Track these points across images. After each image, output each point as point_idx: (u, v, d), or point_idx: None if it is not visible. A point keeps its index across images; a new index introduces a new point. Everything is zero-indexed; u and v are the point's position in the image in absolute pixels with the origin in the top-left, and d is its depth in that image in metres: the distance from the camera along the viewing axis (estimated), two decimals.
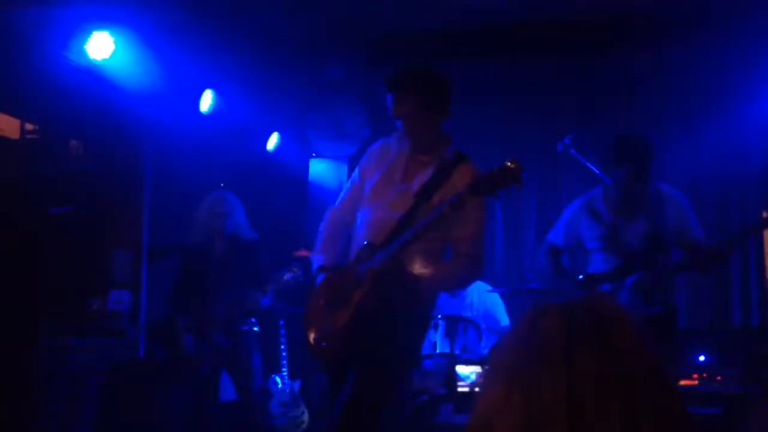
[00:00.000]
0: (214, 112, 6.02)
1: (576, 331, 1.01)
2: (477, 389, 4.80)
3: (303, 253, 6.48)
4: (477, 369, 4.92)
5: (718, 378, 4.76)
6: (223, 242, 5.22)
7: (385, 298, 3.02)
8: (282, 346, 5.90)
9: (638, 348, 1.02)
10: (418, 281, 3.04)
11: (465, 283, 3.28)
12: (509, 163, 2.80)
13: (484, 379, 1.09)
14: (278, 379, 5.89)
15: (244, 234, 5.30)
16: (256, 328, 5.28)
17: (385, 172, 3.21)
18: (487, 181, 2.82)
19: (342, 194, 3.41)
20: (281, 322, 5.92)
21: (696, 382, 4.77)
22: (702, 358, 4.99)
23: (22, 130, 5.61)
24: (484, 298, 5.82)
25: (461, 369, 4.92)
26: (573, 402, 0.96)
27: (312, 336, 3.18)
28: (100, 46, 4.91)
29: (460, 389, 4.84)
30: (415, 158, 3.19)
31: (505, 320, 5.78)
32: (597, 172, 4.77)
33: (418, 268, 3.03)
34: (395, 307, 3.04)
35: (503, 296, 5.87)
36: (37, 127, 5.65)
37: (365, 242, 3.11)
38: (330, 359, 3.15)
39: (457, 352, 5.16)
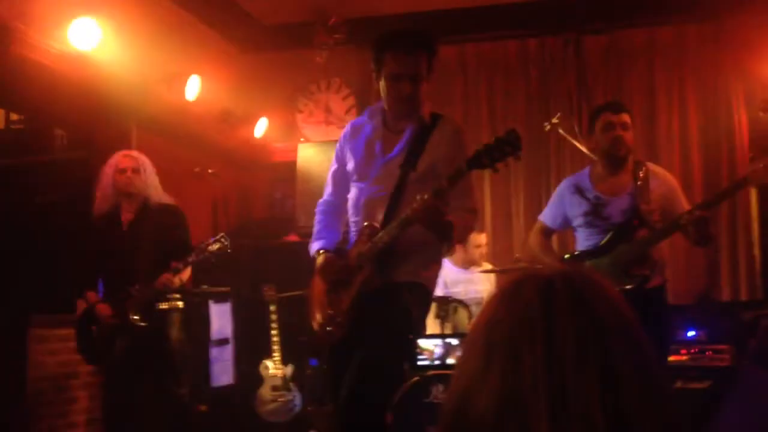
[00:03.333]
0: (201, 99, 6.00)
1: (554, 299, 1.01)
2: (437, 362, 4.83)
3: (293, 237, 6.49)
4: (438, 342, 4.92)
5: (708, 353, 4.79)
6: (131, 206, 4.53)
7: (387, 279, 3.03)
8: (273, 331, 5.91)
9: (616, 314, 1.02)
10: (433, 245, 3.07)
11: (466, 236, 3.29)
12: (507, 135, 2.78)
13: (461, 354, 1.08)
14: (270, 364, 5.90)
15: (156, 198, 4.56)
16: (180, 304, 4.53)
17: (365, 149, 3.20)
18: (486, 154, 2.79)
19: (327, 184, 3.41)
20: (272, 308, 5.92)
21: (686, 358, 4.80)
22: (691, 333, 5.02)
23: (7, 120, 5.58)
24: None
25: (423, 343, 4.92)
26: (552, 372, 0.96)
27: (317, 321, 3.18)
28: (84, 34, 4.87)
29: (419, 362, 4.84)
30: (391, 128, 3.19)
31: None
32: (584, 150, 4.80)
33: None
34: (399, 286, 3.04)
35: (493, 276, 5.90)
36: (21, 117, 5.61)
37: (365, 223, 3.11)
38: (336, 343, 3.14)
39: (447, 333, 5.18)
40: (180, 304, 4.53)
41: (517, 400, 0.96)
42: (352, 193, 3.24)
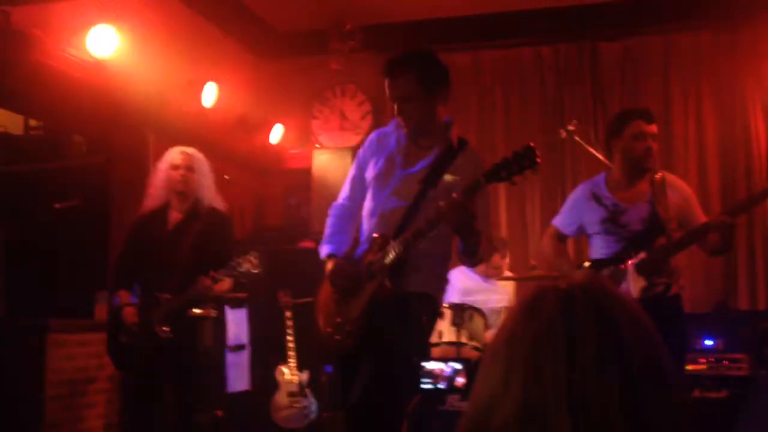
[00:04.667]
0: (217, 105, 6.03)
1: (574, 312, 1.02)
2: (441, 386, 4.81)
3: (308, 243, 6.50)
4: (442, 366, 4.89)
5: (725, 362, 4.76)
6: (182, 205, 4.30)
7: (399, 289, 3.02)
8: (289, 337, 5.91)
9: (635, 326, 1.02)
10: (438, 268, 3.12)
11: (479, 261, 3.24)
12: (525, 149, 2.76)
13: (482, 366, 1.09)
14: (286, 370, 5.91)
15: (208, 200, 4.33)
16: (213, 312, 4.30)
17: (386, 160, 3.20)
18: (504, 167, 2.77)
19: (344, 188, 3.40)
20: (288, 314, 5.93)
21: (703, 367, 4.77)
22: (709, 342, 4.99)
23: (26, 126, 5.63)
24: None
25: (429, 365, 4.88)
26: (573, 384, 0.97)
27: (324, 328, 3.17)
28: (103, 41, 4.92)
29: (424, 387, 4.78)
30: (416, 144, 3.19)
31: None
32: (601, 157, 4.78)
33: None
34: (410, 296, 3.04)
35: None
36: (40, 124, 5.66)
37: (376, 234, 3.10)
38: (343, 351, 3.14)
39: (463, 340, 5.17)
40: (213, 312, 4.29)
41: (538, 413, 0.97)
42: (368, 202, 3.24)
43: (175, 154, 4.33)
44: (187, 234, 4.21)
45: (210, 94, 5.96)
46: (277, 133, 6.92)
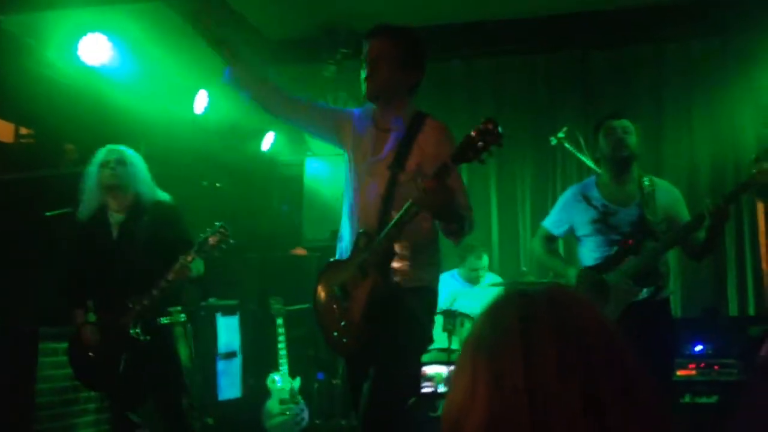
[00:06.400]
0: (209, 113, 6.03)
1: (532, 315, 1.02)
2: (441, 389, 4.83)
3: (299, 251, 6.51)
4: (443, 369, 4.91)
5: (716, 367, 4.78)
6: (121, 205, 4.03)
7: (392, 284, 3.03)
8: (280, 345, 5.91)
9: (597, 332, 1.02)
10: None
11: (467, 233, 3.16)
12: (486, 124, 2.68)
13: (454, 370, 1.10)
14: (277, 377, 5.90)
15: (149, 195, 4.05)
16: (182, 317, 4.06)
17: (356, 150, 3.23)
18: (468, 146, 2.70)
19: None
20: (279, 321, 5.93)
21: (693, 372, 4.78)
22: (699, 347, 5.01)
23: (17, 134, 5.62)
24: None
25: (428, 369, 4.90)
26: (533, 392, 0.97)
27: (330, 332, 3.18)
28: (94, 49, 4.93)
29: (423, 390, 4.80)
30: (381, 128, 3.20)
31: None
32: (590, 164, 4.81)
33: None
34: (404, 292, 3.05)
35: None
36: (31, 131, 5.65)
37: (360, 230, 3.11)
38: (353, 353, 3.15)
39: (454, 347, 5.18)
40: (182, 317, 4.07)
41: (503, 421, 0.97)
42: (346, 197, 3.26)
43: (102, 153, 4.07)
44: (136, 233, 3.97)
45: (202, 102, 5.97)
46: (269, 141, 6.93)
